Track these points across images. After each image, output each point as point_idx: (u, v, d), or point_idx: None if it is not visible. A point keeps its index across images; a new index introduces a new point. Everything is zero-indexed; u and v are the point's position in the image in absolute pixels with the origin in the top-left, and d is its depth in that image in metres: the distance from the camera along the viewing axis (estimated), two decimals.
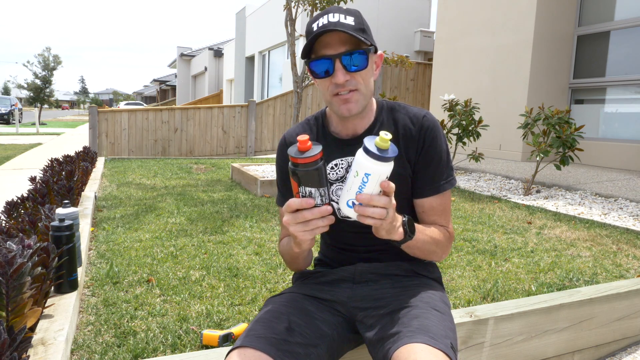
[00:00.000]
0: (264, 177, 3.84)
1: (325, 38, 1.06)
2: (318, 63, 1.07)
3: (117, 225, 2.72)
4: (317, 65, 1.08)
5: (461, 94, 7.04)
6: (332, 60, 1.05)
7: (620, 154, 5.48)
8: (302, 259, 1.19)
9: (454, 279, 2.01)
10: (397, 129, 1.17)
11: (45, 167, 3.46)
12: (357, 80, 1.08)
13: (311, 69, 1.10)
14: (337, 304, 1.14)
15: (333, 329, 1.09)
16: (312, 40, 1.06)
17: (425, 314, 1.05)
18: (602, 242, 2.67)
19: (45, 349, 1.18)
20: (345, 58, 1.06)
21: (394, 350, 0.94)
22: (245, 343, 0.95)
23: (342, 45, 1.06)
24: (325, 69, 1.07)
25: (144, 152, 7.85)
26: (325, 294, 1.16)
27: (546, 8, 5.86)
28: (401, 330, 0.99)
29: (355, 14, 1.11)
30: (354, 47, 1.06)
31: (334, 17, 1.05)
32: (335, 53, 1.05)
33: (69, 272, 1.54)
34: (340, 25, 1.04)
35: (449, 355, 0.93)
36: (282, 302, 1.11)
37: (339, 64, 1.05)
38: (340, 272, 1.21)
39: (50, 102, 26.75)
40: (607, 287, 1.59)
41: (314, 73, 1.10)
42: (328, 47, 1.06)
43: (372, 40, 1.11)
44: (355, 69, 1.07)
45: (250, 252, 2.29)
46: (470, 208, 3.49)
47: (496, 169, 5.29)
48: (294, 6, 4.40)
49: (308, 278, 1.24)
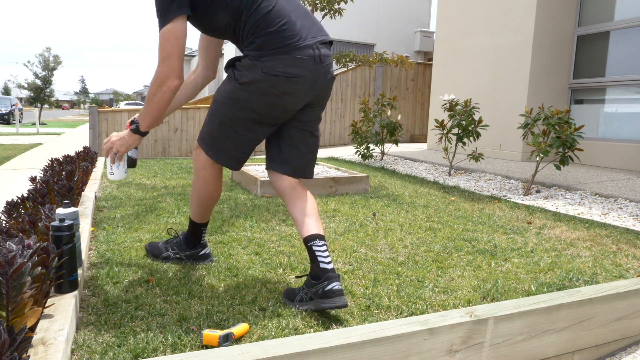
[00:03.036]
0: (264, 177, 3.84)
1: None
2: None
3: (117, 225, 2.72)
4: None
5: (461, 94, 7.04)
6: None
7: (620, 154, 5.48)
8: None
9: (454, 279, 2.01)
10: None
11: (46, 167, 3.46)
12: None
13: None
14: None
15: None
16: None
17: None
18: (602, 242, 2.68)
19: (45, 348, 1.18)
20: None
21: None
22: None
23: None
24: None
25: (144, 152, 7.86)
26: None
27: (546, 8, 5.86)
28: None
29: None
30: None
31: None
32: None
33: (69, 272, 1.54)
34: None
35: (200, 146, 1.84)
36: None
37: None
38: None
39: (51, 102, 26.74)
40: (607, 287, 1.59)
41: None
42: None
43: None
44: None
45: (250, 252, 2.29)
46: (470, 208, 3.50)
47: (496, 169, 5.29)
48: None
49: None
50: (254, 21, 1.65)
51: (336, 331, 1.20)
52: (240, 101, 1.72)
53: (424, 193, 4.07)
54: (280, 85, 1.66)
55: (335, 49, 13.63)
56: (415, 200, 3.72)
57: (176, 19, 1.63)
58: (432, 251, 2.40)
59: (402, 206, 3.49)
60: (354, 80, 9.45)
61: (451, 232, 2.79)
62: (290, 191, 1.83)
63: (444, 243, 2.55)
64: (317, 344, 1.13)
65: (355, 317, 1.62)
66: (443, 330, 1.27)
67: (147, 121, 1.79)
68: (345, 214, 3.18)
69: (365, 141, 6.10)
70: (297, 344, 1.12)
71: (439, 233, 2.76)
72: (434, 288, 1.90)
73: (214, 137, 1.81)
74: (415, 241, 2.57)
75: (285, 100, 1.71)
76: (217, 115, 1.79)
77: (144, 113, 1.77)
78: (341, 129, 9.44)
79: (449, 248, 2.46)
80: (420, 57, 14.33)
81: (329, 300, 1.60)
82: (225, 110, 1.76)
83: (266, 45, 1.64)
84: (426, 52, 14.29)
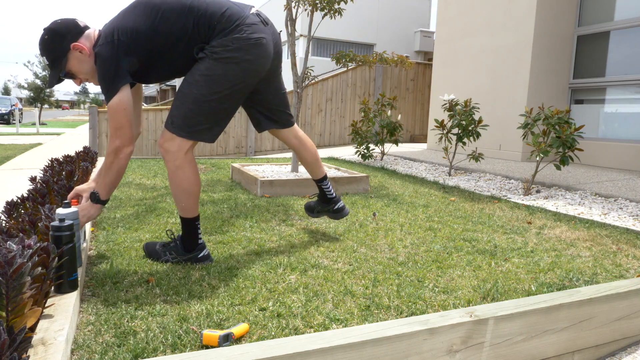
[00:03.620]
0: (264, 177, 3.84)
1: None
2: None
3: (117, 225, 2.72)
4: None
5: (461, 94, 7.04)
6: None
7: (620, 154, 5.48)
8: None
9: (454, 279, 2.01)
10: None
11: (46, 167, 3.46)
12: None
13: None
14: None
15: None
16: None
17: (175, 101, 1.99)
18: (602, 242, 2.68)
19: (45, 348, 1.18)
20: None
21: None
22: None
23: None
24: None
25: (144, 152, 7.85)
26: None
27: (546, 8, 5.86)
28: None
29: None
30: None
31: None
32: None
33: (69, 272, 1.54)
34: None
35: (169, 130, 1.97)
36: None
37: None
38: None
39: (51, 102, 26.74)
40: (607, 287, 1.59)
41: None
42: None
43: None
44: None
45: (250, 252, 2.29)
46: (470, 208, 3.50)
47: (496, 169, 5.29)
48: (295, 6, 4.41)
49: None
50: (206, 20, 1.93)
51: (336, 331, 1.20)
52: (215, 75, 1.92)
53: (424, 193, 4.07)
54: (251, 50, 1.95)
55: (335, 49, 13.63)
56: (415, 200, 3.72)
57: (122, 89, 1.88)
58: (432, 251, 2.40)
59: (402, 206, 3.49)
60: (354, 80, 9.45)
61: (451, 232, 2.79)
62: (296, 142, 2.43)
63: (444, 243, 2.55)
64: (317, 344, 1.13)
65: (355, 317, 1.62)
66: (443, 330, 1.27)
67: (107, 189, 1.98)
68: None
69: (365, 141, 6.10)
70: (297, 344, 1.12)
71: (439, 233, 2.76)
72: (434, 288, 1.90)
73: (186, 117, 1.96)
74: (415, 241, 2.57)
75: (257, 64, 1.99)
76: (190, 95, 1.95)
77: (104, 184, 1.97)
78: (341, 129, 9.43)
79: (449, 248, 2.46)
80: (420, 57, 14.33)
81: (341, 214, 2.57)
82: (200, 87, 1.94)
83: (225, 28, 1.93)
84: (426, 52, 14.29)
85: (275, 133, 2.42)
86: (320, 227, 2.81)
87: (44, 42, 1.91)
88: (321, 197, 2.59)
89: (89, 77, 2.01)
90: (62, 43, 1.91)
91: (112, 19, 1.98)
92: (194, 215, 2.08)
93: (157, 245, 2.15)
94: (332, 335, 1.17)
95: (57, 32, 1.91)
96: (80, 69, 1.98)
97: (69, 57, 1.94)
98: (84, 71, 1.99)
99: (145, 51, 1.92)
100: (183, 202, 2.04)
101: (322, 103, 9.20)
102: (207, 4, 1.94)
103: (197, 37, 1.94)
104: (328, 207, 2.58)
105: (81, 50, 1.94)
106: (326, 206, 2.59)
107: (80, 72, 1.99)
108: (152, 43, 1.91)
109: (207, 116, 1.98)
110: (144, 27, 1.89)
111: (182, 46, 1.95)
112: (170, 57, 1.97)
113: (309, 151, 2.48)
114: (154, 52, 1.93)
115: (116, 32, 1.88)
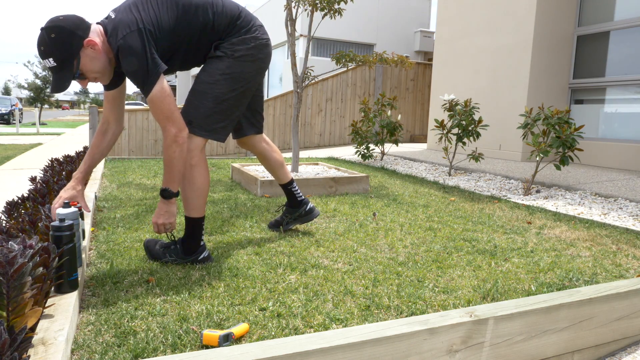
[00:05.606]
0: (264, 177, 3.84)
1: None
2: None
3: (117, 225, 2.72)
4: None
5: (461, 94, 7.04)
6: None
7: (620, 154, 5.48)
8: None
9: (454, 279, 2.01)
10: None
11: (46, 167, 3.46)
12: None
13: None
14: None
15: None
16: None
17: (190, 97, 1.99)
18: (602, 242, 2.68)
19: (45, 348, 1.18)
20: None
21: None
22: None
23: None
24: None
25: (144, 152, 7.86)
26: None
27: (546, 8, 5.86)
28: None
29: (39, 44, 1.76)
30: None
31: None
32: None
33: (70, 272, 1.54)
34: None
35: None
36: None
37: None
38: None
39: (51, 102, 26.74)
40: (607, 287, 1.59)
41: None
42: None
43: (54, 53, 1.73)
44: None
45: (250, 252, 2.29)
46: (470, 208, 3.50)
47: (496, 169, 5.29)
48: (295, 6, 4.41)
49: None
50: (225, 17, 1.98)
51: (336, 331, 1.20)
52: (236, 74, 1.97)
53: (424, 193, 4.07)
54: (263, 50, 2.05)
55: (335, 49, 13.63)
56: (415, 200, 3.72)
57: (160, 78, 1.81)
58: (432, 251, 2.40)
59: (402, 206, 3.49)
60: (354, 80, 9.45)
61: (451, 232, 2.79)
62: (265, 146, 2.45)
63: (444, 243, 2.55)
64: (317, 344, 1.13)
65: (355, 317, 1.62)
66: (443, 330, 1.27)
67: (177, 181, 1.92)
68: (345, 214, 3.18)
69: (365, 141, 6.10)
70: (297, 344, 1.12)
71: (439, 233, 2.76)
72: (434, 288, 1.90)
73: (206, 116, 1.96)
74: (415, 241, 2.57)
75: (266, 63, 2.09)
76: (211, 94, 1.96)
77: (171, 178, 1.90)
78: (341, 129, 9.43)
79: (449, 248, 2.46)
80: (420, 57, 14.33)
81: (312, 215, 2.55)
82: (220, 86, 1.95)
83: (244, 27, 2.01)
84: (426, 52, 14.28)
85: (246, 140, 2.39)
86: (320, 227, 2.81)
87: (51, 41, 1.69)
88: (291, 202, 2.55)
89: (99, 76, 1.84)
90: (73, 40, 1.72)
91: (117, 13, 1.82)
92: (201, 215, 2.08)
93: (158, 245, 2.15)
94: (332, 335, 1.17)
95: (65, 28, 1.70)
96: (92, 67, 1.79)
97: (81, 55, 1.75)
98: (95, 70, 1.80)
99: (168, 43, 1.87)
100: (193, 201, 2.03)
101: (322, 103, 9.20)
102: (224, 1, 1.99)
103: (216, 32, 1.96)
104: (299, 211, 2.55)
105: (93, 47, 1.77)
106: (296, 211, 2.55)
107: (92, 71, 1.80)
108: (175, 35, 1.87)
109: (224, 114, 2.01)
110: (167, 19, 1.84)
111: (202, 40, 1.95)
112: (186, 50, 1.95)
113: (277, 154, 2.48)
114: (175, 43, 1.89)
115: (139, 22, 1.76)
